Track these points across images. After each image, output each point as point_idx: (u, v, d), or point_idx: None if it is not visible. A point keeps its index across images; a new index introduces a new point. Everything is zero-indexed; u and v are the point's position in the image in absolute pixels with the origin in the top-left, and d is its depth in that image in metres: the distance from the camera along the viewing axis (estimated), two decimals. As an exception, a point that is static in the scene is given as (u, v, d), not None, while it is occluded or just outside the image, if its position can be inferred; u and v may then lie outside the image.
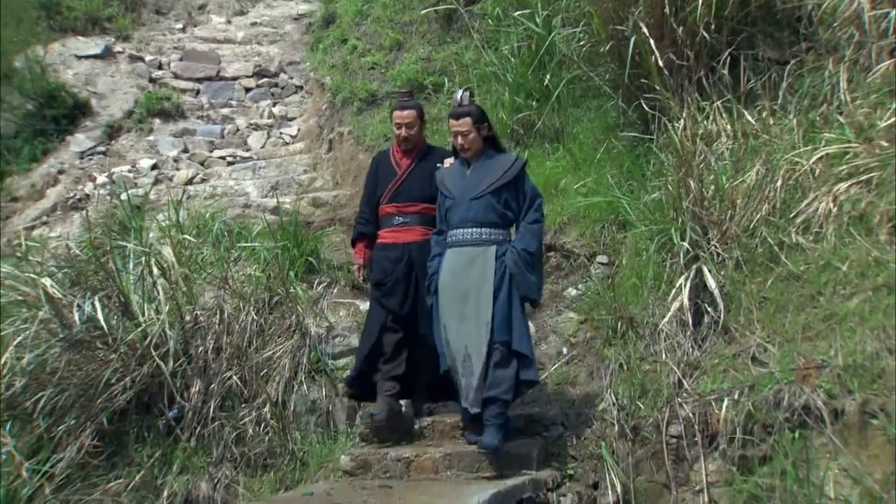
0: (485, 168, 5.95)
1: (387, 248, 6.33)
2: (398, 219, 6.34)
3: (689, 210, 5.77)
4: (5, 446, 5.93)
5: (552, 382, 6.33)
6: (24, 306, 6.69)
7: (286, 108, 12.85)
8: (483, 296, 5.67)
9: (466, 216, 5.85)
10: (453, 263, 5.83)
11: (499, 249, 5.77)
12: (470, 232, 5.84)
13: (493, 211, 5.82)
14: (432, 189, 6.20)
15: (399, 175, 6.39)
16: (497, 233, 5.83)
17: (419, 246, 6.22)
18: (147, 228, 7.77)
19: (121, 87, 12.93)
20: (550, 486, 5.54)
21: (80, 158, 11.65)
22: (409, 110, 6.44)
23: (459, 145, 5.96)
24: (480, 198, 5.84)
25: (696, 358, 5.54)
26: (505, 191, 5.85)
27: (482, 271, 5.73)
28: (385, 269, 6.27)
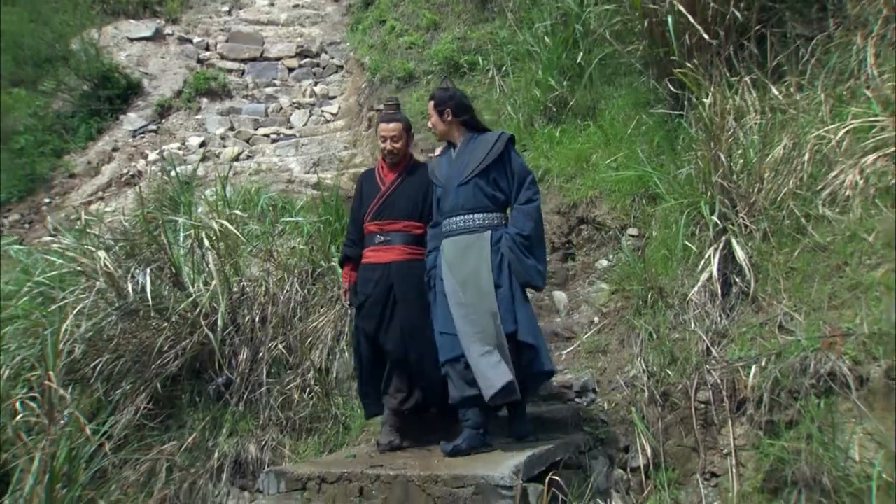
0: (469, 150, 5.62)
1: (368, 268, 5.85)
2: (379, 237, 5.85)
3: (718, 184, 5.73)
4: (68, 408, 6.00)
5: (584, 350, 6.32)
6: (82, 277, 6.77)
7: (327, 86, 12.87)
8: (482, 285, 5.32)
9: (456, 203, 5.53)
10: (449, 253, 5.50)
11: (494, 234, 5.43)
12: (462, 219, 5.51)
13: (481, 194, 5.48)
14: (418, 206, 5.84)
15: (383, 191, 5.91)
16: (491, 217, 5.48)
17: (399, 266, 5.76)
18: (196, 203, 7.83)
19: (170, 67, 13.00)
20: (583, 449, 5.55)
21: (132, 136, 11.75)
22: (395, 123, 5.93)
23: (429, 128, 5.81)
24: (467, 183, 5.50)
25: (724, 327, 5.52)
26: (492, 170, 5.50)
27: (478, 259, 5.39)
28: (366, 291, 5.81)
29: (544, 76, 8.40)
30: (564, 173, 7.59)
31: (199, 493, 6.14)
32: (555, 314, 6.99)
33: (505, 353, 5.22)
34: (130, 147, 11.50)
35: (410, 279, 5.72)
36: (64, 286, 6.80)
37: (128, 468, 6.13)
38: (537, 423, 5.67)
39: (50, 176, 11.41)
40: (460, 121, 5.68)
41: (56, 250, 7.25)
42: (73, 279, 6.83)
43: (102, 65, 12.38)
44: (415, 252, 5.81)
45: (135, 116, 12.10)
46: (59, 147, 11.72)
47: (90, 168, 11.34)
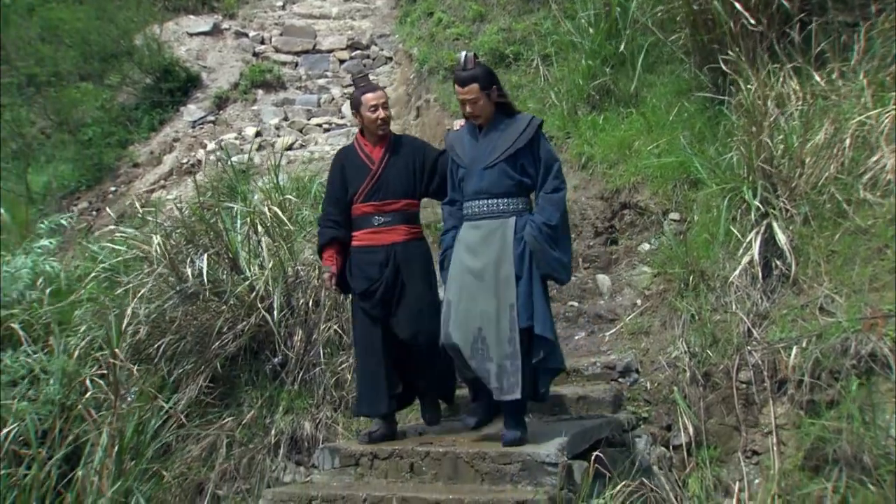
0: (497, 133, 5.16)
1: (367, 251, 5.44)
2: (378, 219, 5.43)
3: (760, 168, 5.65)
4: (134, 386, 6.07)
5: (627, 332, 6.27)
6: (144, 262, 6.83)
7: (377, 77, 12.83)
8: (502, 276, 4.95)
9: (480, 187, 5.11)
10: (469, 238, 5.11)
11: (518, 221, 5.03)
12: (485, 203, 5.09)
13: (508, 179, 5.07)
14: (414, 182, 5.51)
15: (374, 170, 5.47)
16: (515, 202, 5.08)
17: (404, 246, 5.42)
18: (252, 191, 7.86)
19: (227, 61, 13.07)
20: (626, 427, 5.53)
21: (192, 127, 11.83)
22: (380, 90, 5.60)
23: (468, 114, 5.15)
24: (493, 166, 5.08)
25: (765, 309, 5.45)
26: (521, 156, 5.08)
27: (501, 247, 5.00)
28: (370, 275, 5.40)
29: (587, 65, 8.31)
30: (607, 160, 7.51)
31: (258, 468, 6.18)
32: (598, 297, 6.94)
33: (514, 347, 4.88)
34: (190, 137, 11.58)
35: (415, 259, 5.45)
36: (128, 271, 6.88)
37: (190, 443, 6.19)
38: (581, 402, 5.63)
39: (116, 165, 11.53)
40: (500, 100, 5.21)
41: (119, 238, 7.33)
42: (136, 264, 6.91)
43: (164, 59, 12.48)
44: (416, 231, 5.56)
45: (194, 108, 12.19)
46: (123, 138, 11.84)
47: (153, 158, 11.45)
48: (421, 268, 5.45)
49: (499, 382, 4.88)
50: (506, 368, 4.86)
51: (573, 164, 7.83)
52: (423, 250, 5.51)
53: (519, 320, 4.89)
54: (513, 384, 4.85)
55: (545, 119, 8.35)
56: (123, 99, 12.54)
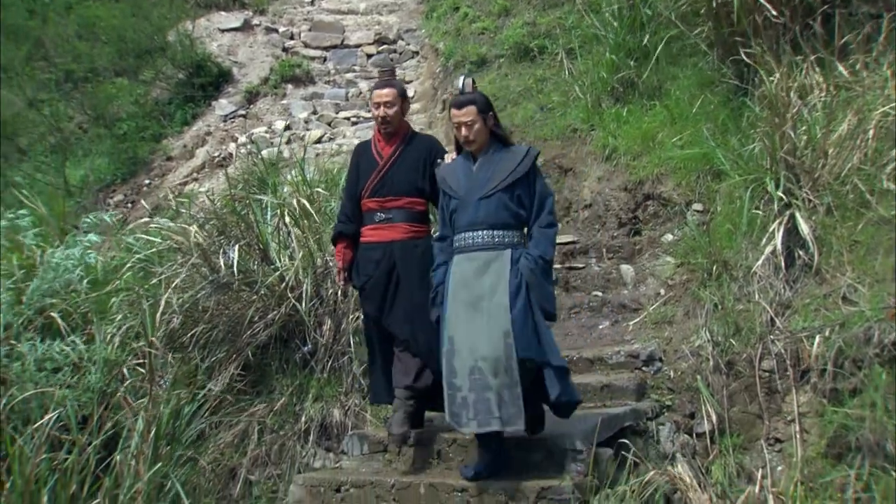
0: (493, 162, 4.93)
1: (368, 248, 5.35)
2: (380, 215, 5.31)
3: (782, 159, 5.57)
4: (169, 373, 6.09)
5: (650, 321, 6.22)
6: (178, 253, 6.85)
7: (404, 71, 12.83)
8: (496, 304, 4.70)
9: (476, 218, 4.85)
10: (463, 270, 4.85)
11: (514, 253, 4.81)
12: (481, 235, 4.85)
13: (505, 210, 4.84)
14: (419, 181, 5.33)
15: (381, 165, 5.36)
16: (511, 234, 4.87)
17: (402, 245, 5.27)
18: (281, 183, 7.86)
19: (258, 56, 13.09)
20: (650, 415, 5.50)
21: (223, 121, 11.87)
22: (388, 88, 5.43)
23: (463, 138, 4.91)
24: (490, 196, 4.84)
25: (788, 298, 5.38)
26: (518, 186, 4.86)
27: (497, 278, 4.76)
28: (366, 271, 5.33)
29: (611, 58, 8.25)
30: (631, 151, 7.46)
31: (288, 454, 6.19)
32: (622, 286, 6.90)
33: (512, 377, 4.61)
34: (222, 131, 11.62)
35: (413, 258, 5.25)
36: (162, 262, 6.90)
37: (223, 430, 6.21)
38: (605, 391, 5.59)
39: (150, 159, 11.59)
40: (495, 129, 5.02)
41: (154, 229, 7.36)
42: (170, 255, 6.93)
43: (196, 55, 12.52)
44: (418, 230, 5.36)
45: (225, 102, 12.22)
46: (157, 132, 11.90)
47: (185, 151, 11.49)
48: (419, 269, 5.22)
49: (499, 412, 4.63)
50: (504, 398, 4.61)
51: (597, 156, 7.79)
52: (424, 250, 5.25)
53: (517, 350, 4.63)
54: (514, 415, 4.61)
55: (570, 111, 8.36)
56: (157, 94, 12.59)
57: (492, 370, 4.64)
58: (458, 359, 4.74)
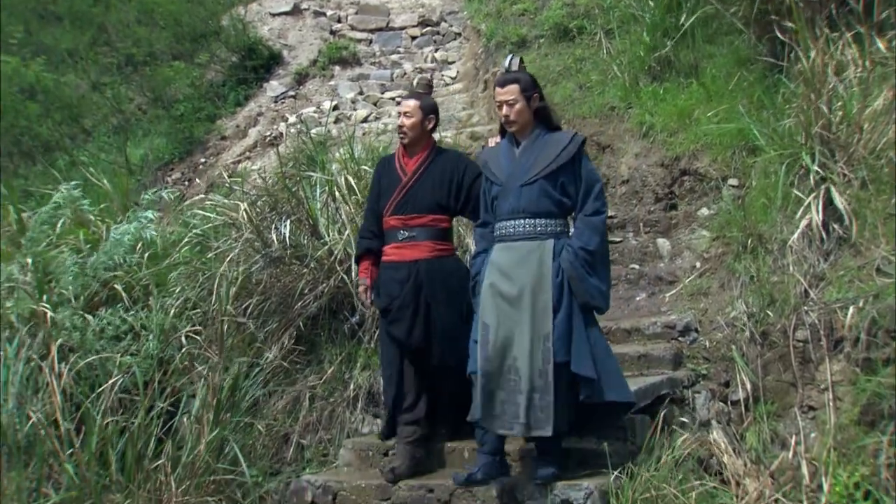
0: (537, 147, 4.61)
1: (391, 267, 5.00)
2: (403, 233, 4.97)
3: (818, 135, 5.46)
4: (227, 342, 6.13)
5: (686, 293, 6.16)
6: (232, 228, 6.89)
7: (446, 53, 12.79)
8: (540, 303, 4.40)
9: (517, 205, 4.55)
10: (503, 260, 4.54)
11: (557, 244, 4.50)
12: (522, 224, 4.54)
13: (547, 198, 4.53)
14: (444, 198, 4.99)
15: (404, 182, 5.01)
16: (554, 223, 4.56)
17: (428, 264, 4.93)
18: (330, 161, 7.86)
19: (307, 39, 13.09)
20: (686, 384, 5.45)
21: (274, 102, 11.90)
22: (411, 100, 5.14)
23: (504, 117, 4.62)
24: (533, 183, 4.53)
25: (822, 270, 5.29)
26: (562, 173, 4.54)
27: (539, 270, 4.45)
28: (391, 292, 4.96)
29: (649, 38, 8.13)
30: (668, 128, 7.36)
31: (338, 420, 6.22)
32: (658, 260, 6.84)
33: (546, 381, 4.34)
34: (273, 111, 11.66)
35: (441, 279, 4.93)
36: (217, 237, 6.94)
37: (276, 397, 6.25)
38: (642, 360, 5.54)
39: (205, 138, 11.66)
40: (541, 112, 4.69)
41: (209, 205, 7.41)
42: (224, 230, 6.97)
43: (248, 38, 12.56)
44: (443, 248, 5.03)
45: (276, 84, 12.25)
46: (212, 113, 11.96)
47: (239, 131, 11.54)
48: (448, 288, 4.92)
49: (526, 417, 4.34)
50: (534, 402, 4.34)
51: (634, 133, 7.69)
52: (451, 269, 4.99)
53: (555, 354, 4.36)
54: (541, 419, 4.34)
55: (608, 90, 8.26)
56: (212, 76, 12.65)
57: (527, 372, 4.36)
58: (493, 350, 4.45)
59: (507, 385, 4.40)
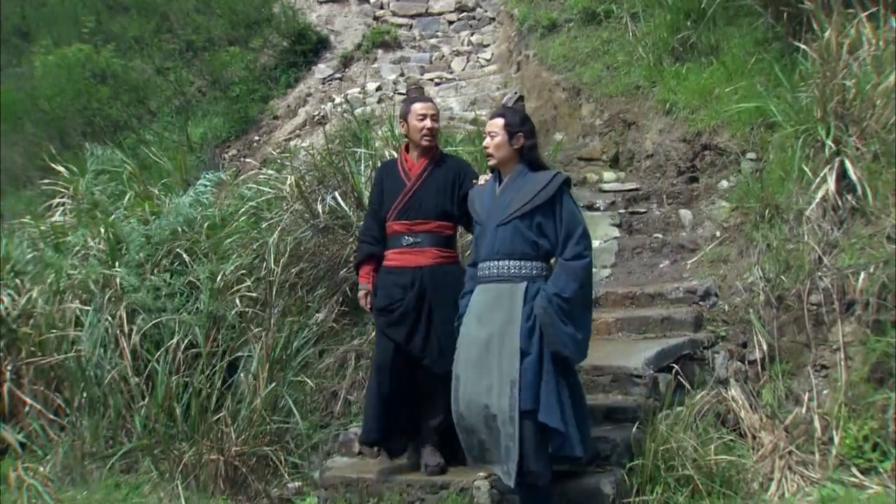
0: (516, 187, 4.19)
1: (394, 272, 4.61)
2: (407, 238, 4.59)
3: (833, 111, 5.37)
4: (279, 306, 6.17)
5: (707, 260, 6.10)
6: (283, 201, 6.92)
7: (482, 36, 12.69)
8: (507, 348, 3.98)
9: (493, 246, 4.15)
10: (478, 304, 4.17)
11: (531, 287, 4.06)
12: (496, 265, 4.12)
13: (522, 239, 4.09)
14: (447, 203, 4.61)
15: (409, 186, 4.63)
16: (529, 266, 4.10)
17: (431, 270, 4.55)
18: (373, 138, 7.85)
19: (352, 25, 13.05)
20: (706, 345, 5.41)
21: (322, 84, 11.90)
22: (430, 101, 4.79)
23: (484, 148, 4.29)
24: (507, 223, 4.11)
25: (835, 238, 5.23)
26: (539, 214, 4.09)
27: (508, 315, 4.03)
28: (392, 294, 4.57)
29: (672, 20, 8.01)
30: (689, 106, 7.26)
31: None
32: (680, 229, 6.78)
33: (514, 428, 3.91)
34: (320, 92, 11.67)
35: (445, 285, 4.54)
36: (270, 208, 6.97)
37: (326, 357, 6.28)
38: (665, 323, 5.51)
39: (259, 118, 11.70)
40: (525, 152, 4.25)
41: (262, 179, 7.45)
42: (276, 203, 6.99)
43: (298, 24, 12.56)
44: (447, 255, 4.66)
45: (323, 67, 12.25)
46: (265, 94, 12.00)
47: (289, 111, 11.58)
48: (451, 296, 4.46)
49: (506, 465, 3.98)
50: (510, 451, 3.94)
51: (658, 111, 7.61)
52: (455, 276, 4.56)
53: (521, 402, 3.92)
54: (508, 470, 3.97)
55: (633, 70, 8.16)
56: (264, 60, 12.67)
57: (502, 418, 3.95)
58: (464, 404, 4.08)
59: (489, 432, 4.00)
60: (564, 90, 8.92)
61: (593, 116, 8.39)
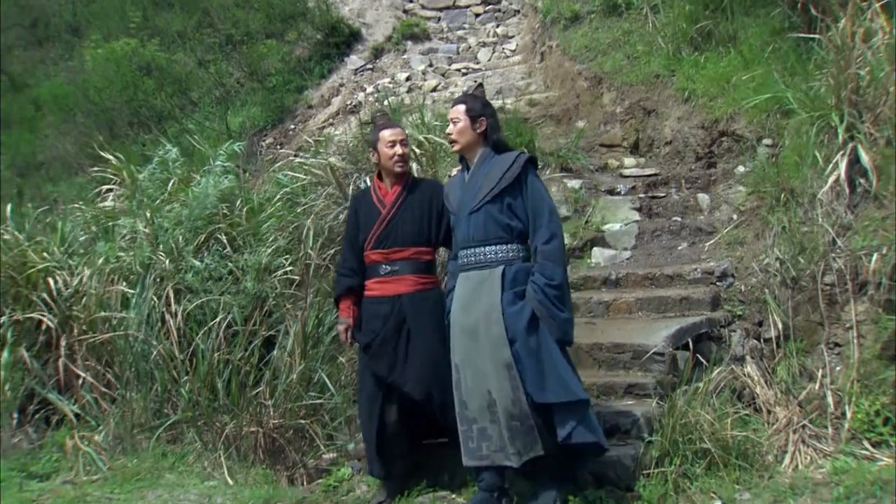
0: (483, 171, 4.07)
1: (374, 302, 4.38)
2: (385, 267, 4.36)
3: (847, 98, 5.28)
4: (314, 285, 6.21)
5: (724, 242, 6.05)
6: (318, 186, 6.95)
7: (507, 28, 12.62)
8: (492, 332, 3.88)
9: (467, 234, 4.05)
10: (462, 292, 4.06)
11: (508, 270, 3.95)
12: (473, 252, 4.03)
13: (495, 224, 3.98)
14: (425, 229, 4.38)
15: (384, 214, 4.38)
16: (505, 249, 3.98)
17: (411, 297, 4.31)
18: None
19: (382, 17, 13.02)
20: (723, 323, 5.38)
21: (354, 74, 11.91)
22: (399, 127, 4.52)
23: (447, 135, 4.21)
24: (479, 210, 4.01)
25: (848, 221, 5.16)
26: (507, 195, 3.98)
27: (489, 302, 3.91)
28: (373, 328, 4.34)
29: (690, 11, 7.90)
30: (708, 94, 7.18)
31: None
32: (698, 212, 6.72)
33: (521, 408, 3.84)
34: (353, 83, 11.67)
35: (424, 311, 4.31)
36: (305, 194, 6.99)
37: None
38: (683, 302, 5.48)
39: (294, 107, 11.71)
40: (489, 136, 4.14)
41: (297, 165, 7.47)
42: (311, 188, 7.01)
43: (331, 18, 12.55)
44: (426, 281, 4.41)
45: (355, 58, 12.25)
46: (300, 84, 12.00)
47: (323, 100, 11.59)
48: (431, 321, 4.29)
49: (514, 447, 3.87)
50: (517, 429, 3.85)
51: (677, 99, 7.54)
52: (433, 302, 4.35)
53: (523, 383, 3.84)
54: (530, 441, 3.86)
55: (653, 59, 8.08)
56: (299, 52, 12.67)
57: (502, 403, 3.87)
58: (465, 392, 3.99)
59: (492, 418, 3.92)
60: (586, 79, 8.85)
61: (614, 104, 8.33)
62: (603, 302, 5.69)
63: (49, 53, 15.17)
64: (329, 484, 4.95)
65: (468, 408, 3.99)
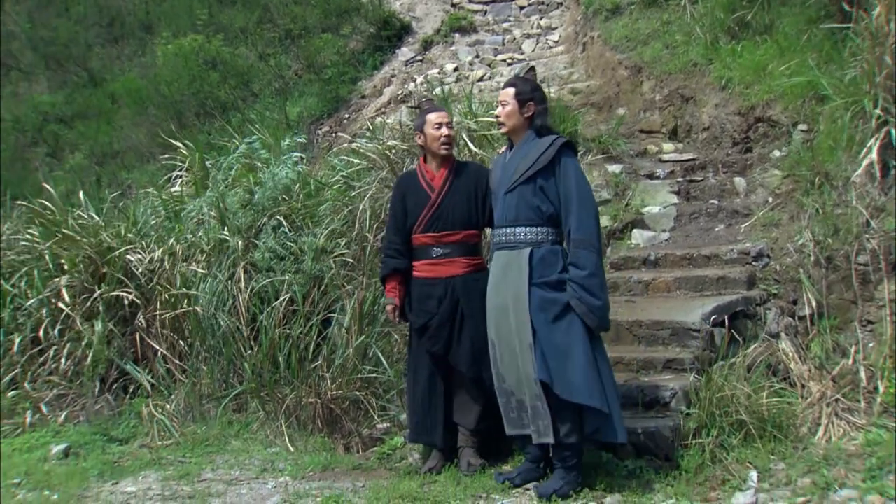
0: (521, 154, 3.97)
1: (426, 283, 4.34)
2: (437, 250, 4.30)
3: (881, 83, 5.14)
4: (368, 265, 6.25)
5: (759, 224, 5.95)
6: (371, 171, 6.98)
7: (550, 20, 12.51)
8: (519, 314, 3.82)
9: (502, 214, 3.98)
10: (494, 271, 4.01)
11: (536, 252, 3.85)
12: (505, 232, 3.94)
13: (526, 205, 3.87)
14: (473, 212, 4.33)
15: (433, 199, 4.32)
16: (533, 231, 3.88)
17: (463, 280, 4.28)
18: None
19: (432, 11, 13.00)
20: (758, 302, 5.32)
21: (404, 65, 11.91)
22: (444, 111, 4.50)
23: (496, 116, 4.12)
24: (513, 190, 3.92)
25: (882, 203, 5.04)
26: (540, 177, 3.87)
27: (517, 282, 3.83)
28: (429, 309, 4.31)
29: (728, 1, 7.73)
30: (744, 81, 7.04)
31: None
32: (735, 195, 6.61)
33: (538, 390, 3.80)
34: (403, 74, 11.68)
35: (477, 293, 4.22)
36: (359, 178, 7.03)
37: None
38: (720, 282, 5.41)
39: (348, 97, 11.77)
40: (534, 120, 4.03)
41: (353, 150, 7.50)
42: (364, 173, 7.05)
43: (383, 12, 12.58)
44: (476, 263, 4.39)
45: (406, 50, 12.25)
46: (354, 76, 12.05)
47: (375, 91, 11.62)
48: (483, 303, 4.17)
49: (535, 424, 3.87)
50: (538, 410, 3.84)
51: (714, 86, 7.40)
52: (484, 283, 4.21)
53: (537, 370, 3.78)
54: (545, 427, 3.83)
55: (691, 49, 7.94)
56: (353, 45, 12.71)
57: (526, 381, 3.86)
58: (502, 366, 3.96)
59: (529, 392, 3.88)
60: (627, 68, 8.74)
61: (654, 92, 8.22)
62: (642, 281, 5.65)
63: (124, 50, 15.45)
64: (383, 452, 5.03)
65: (505, 381, 3.98)
